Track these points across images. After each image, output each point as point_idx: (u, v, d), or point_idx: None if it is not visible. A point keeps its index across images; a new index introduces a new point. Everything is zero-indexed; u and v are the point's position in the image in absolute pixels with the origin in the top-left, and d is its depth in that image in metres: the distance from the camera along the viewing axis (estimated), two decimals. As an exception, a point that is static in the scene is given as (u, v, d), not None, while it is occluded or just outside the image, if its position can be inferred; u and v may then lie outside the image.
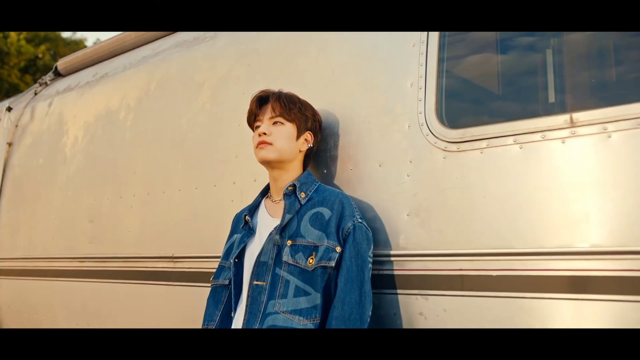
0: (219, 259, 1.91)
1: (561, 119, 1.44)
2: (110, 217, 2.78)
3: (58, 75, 3.90)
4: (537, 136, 1.48)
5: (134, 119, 2.81)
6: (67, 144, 3.23)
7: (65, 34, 18.01)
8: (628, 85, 1.66)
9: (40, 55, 16.85)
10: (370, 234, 1.69)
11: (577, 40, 1.75)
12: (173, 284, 2.38)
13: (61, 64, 3.82)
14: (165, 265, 2.43)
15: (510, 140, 1.52)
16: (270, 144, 1.76)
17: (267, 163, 1.80)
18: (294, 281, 1.62)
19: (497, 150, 1.54)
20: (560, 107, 1.80)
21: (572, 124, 1.43)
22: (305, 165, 1.87)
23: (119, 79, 3.08)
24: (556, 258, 1.41)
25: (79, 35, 18.59)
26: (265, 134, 1.77)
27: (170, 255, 2.40)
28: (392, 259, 1.70)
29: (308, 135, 1.84)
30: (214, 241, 2.20)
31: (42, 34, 16.72)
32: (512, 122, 1.53)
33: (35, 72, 15.75)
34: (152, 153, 2.64)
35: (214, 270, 1.96)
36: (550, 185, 1.44)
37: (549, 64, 1.81)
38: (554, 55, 1.81)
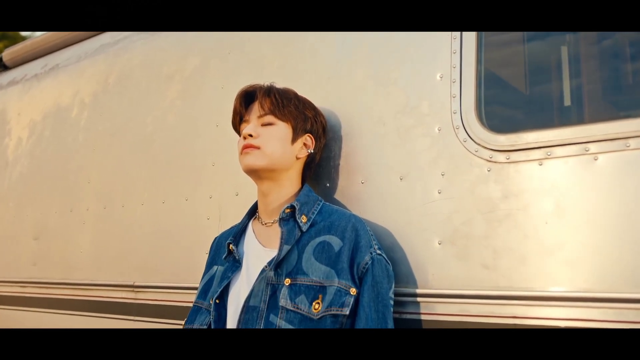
0: (191, 291, 1.57)
1: (653, 121, 1.10)
2: (59, 235, 2.39)
3: (4, 67, 3.43)
4: (619, 144, 1.13)
5: (88, 118, 2.42)
6: (10, 146, 2.83)
7: (25, 32, 17.38)
8: None
9: (-3, 53, 16.25)
10: (391, 269, 1.32)
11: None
12: (133, 319, 2.01)
13: (7, 54, 3.36)
14: (124, 295, 2.06)
15: (579, 148, 1.17)
16: (258, 147, 1.39)
17: (254, 172, 1.42)
18: (295, 332, 1.23)
19: (561, 163, 1.19)
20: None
21: (670, 129, 1.09)
22: (304, 178, 1.49)
23: (72, 71, 2.67)
24: (648, 306, 1.07)
25: (39, 34, 18.00)
26: (251, 135, 1.39)
27: (131, 283, 2.04)
28: (418, 299, 1.33)
29: (308, 139, 1.47)
30: (184, 268, 1.85)
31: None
32: (583, 126, 1.18)
33: (-8, 69, 15.08)
34: (110, 158, 2.26)
35: (184, 303, 1.63)
36: (638, 207, 1.10)
37: (623, 52, 1.45)
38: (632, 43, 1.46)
